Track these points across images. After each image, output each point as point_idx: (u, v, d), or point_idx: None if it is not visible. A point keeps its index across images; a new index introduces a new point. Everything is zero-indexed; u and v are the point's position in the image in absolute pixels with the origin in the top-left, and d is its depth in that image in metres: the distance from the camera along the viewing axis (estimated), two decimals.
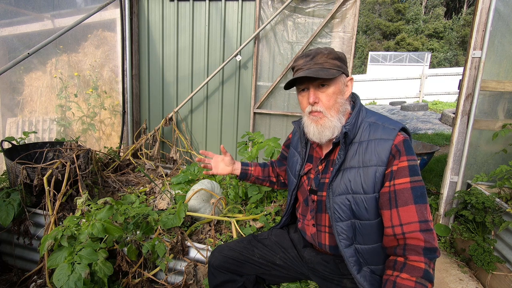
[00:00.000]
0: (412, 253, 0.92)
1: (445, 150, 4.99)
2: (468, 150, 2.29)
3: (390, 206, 0.97)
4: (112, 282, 1.57)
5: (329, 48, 1.09)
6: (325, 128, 1.07)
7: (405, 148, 0.99)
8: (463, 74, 2.26)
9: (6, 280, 1.78)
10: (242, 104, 3.11)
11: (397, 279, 0.91)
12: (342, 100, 1.09)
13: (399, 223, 0.95)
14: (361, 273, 1.04)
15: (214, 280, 1.25)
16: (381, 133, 1.03)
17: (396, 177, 0.97)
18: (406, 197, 0.95)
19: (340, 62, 1.08)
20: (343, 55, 1.10)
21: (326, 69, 1.04)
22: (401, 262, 0.93)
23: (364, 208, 1.02)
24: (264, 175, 1.52)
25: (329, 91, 1.06)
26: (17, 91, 2.91)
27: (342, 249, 1.05)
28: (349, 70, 2.75)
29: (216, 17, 3.00)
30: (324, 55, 1.06)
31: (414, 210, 0.94)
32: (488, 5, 2.12)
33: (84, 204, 1.72)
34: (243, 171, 1.47)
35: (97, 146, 3.25)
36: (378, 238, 1.05)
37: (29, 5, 2.77)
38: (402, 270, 0.91)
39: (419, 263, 0.90)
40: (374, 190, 1.01)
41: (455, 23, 23.77)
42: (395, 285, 0.90)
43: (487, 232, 2.05)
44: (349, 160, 1.06)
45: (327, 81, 1.06)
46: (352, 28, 2.69)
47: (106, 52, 3.19)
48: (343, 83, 1.09)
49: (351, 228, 1.06)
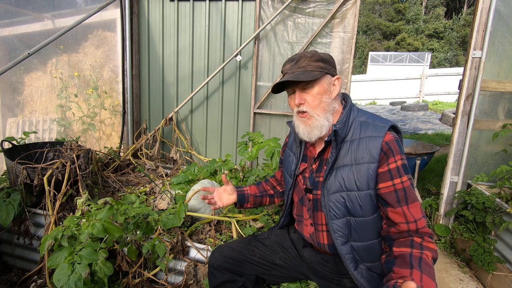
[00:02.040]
0: (426, 236, 0.98)
1: (445, 150, 4.99)
2: (468, 150, 2.28)
3: (400, 204, 1.00)
4: (112, 282, 1.57)
5: (313, 51, 1.13)
6: (313, 128, 1.11)
7: (398, 146, 1.03)
8: (463, 74, 2.26)
9: (6, 280, 1.78)
10: (242, 104, 3.11)
11: (422, 255, 0.93)
12: (328, 100, 1.11)
13: (413, 219, 0.99)
14: (357, 270, 1.06)
15: (214, 280, 1.25)
16: (372, 131, 1.06)
17: (396, 176, 1.01)
18: (412, 194, 1.00)
19: (324, 63, 1.11)
20: (328, 56, 1.14)
21: (308, 72, 1.09)
22: (418, 242, 0.96)
23: (359, 205, 1.05)
24: (260, 191, 1.47)
25: (313, 92, 1.10)
26: (17, 91, 2.91)
27: (339, 247, 1.08)
28: (349, 70, 2.76)
29: (216, 17, 3.00)
30: (307, 58, 1.11)
31: (419, 206, 1.00)
32: (488, 5, 2.12)
33: (84, 204, 1.72)
34: (239, 193, 1.41)
35: (97, 146, 3.25)
36: (373, 235, 1.07)
37: (29, 5, 2.77)
38: (423, 249, 0.94)
39: (433, 244, 0.97)
40: (368, 187, 1.03)
41: (455, 23, 23.76)
42: (422, 260, 0.92)
43: (488, 232, 2.05)
44: (342, 158, 1.09)
45: (310, 83, 1.10)
46: (352, 28, 2.69)
47: (106, 52, 3.19)
48: (328, 83, 1.12)
49: (346, 226, 1.08)
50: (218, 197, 1.39)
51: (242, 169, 2.31)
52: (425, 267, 0.89)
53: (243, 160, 2.52)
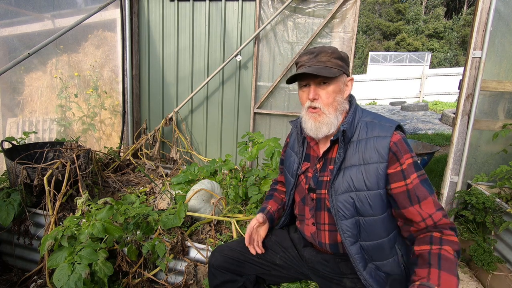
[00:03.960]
0: (445, 229, 0.97)
1: (445, 150, 4.98)
2: (468, 150, 2.28)
3: (412, 203, 1.01)
4: (112, 282, 1.57)
5: (333, 48, 1.12)
6: (322, 124, 1.11)
7: (406, 145, 1.04)
8: (463, 74, 2.26)
9: (6, 280, 1.78)
10: (242, 104, 3.11)
11: (441, 251, 0.93)
12: (341, 99, 1.12)
13: (428, 215, 0.99)
14: (366, 269, 1.06)
15: (214, 280, 1.25)
16: (379, 131, 1.07)
17: (408, 175, 1.02)
18: (423, 191, 1.01)
19: (342, 62, 1.11)
20: (346, 55, 1.13)
21: (328, 68, 1.07)
22: (437, 237, 0.96)
23: (368, 204, 1.05)
24: (279, 203, 1.43)
25: (329, 89, 1.10)
26: (17, 91, 2.91)
27: (348, 247, 1.07)
28: (349, 70, 2.76)
29: (216, 17, 3.00)
30: (327, 54, 1.09)
31: (431, 201, 1.00)
32: (488, 5, 2.12)
33: (84, 204, 1.72)
34: (267, 215, 1.35)
35: (97, 146, 3.25)
36: (382, 233, 1.07)
37: (29, 5, 2.77)
38: (443, 243, 0.94)
39: (454, 237, 0.96)
40: (378, 187, 1.04)
41: (455, 23, 23.76)
42: (441, 257, 0.92)
43: (488, 232, 2.05)
44: (349, 158, 1.08)
45: (328, 80, 1.09)
46: (352, 28, 2.69)
47: (106, 52, 3.19)
48: (343, 82, 1.13)
49: (355, 226, 1.08)
50: (256, 235, 1.31)
51: (242, 169, 2.31)
52: (444, 263, 0.90)
53: (243, 160, 2.52)
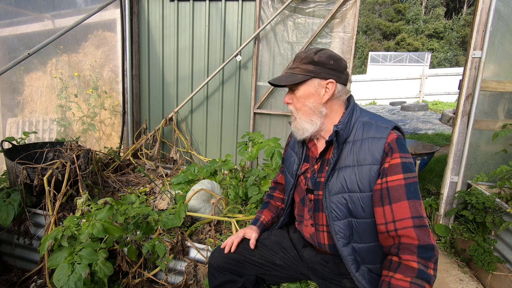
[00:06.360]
0: (405, 252, 0.91)
1: (445, 150, 4.98)
2: (468, 150, 2.28)
3: (382, 203, 0.98)
4: (112, 282, 1.57)
5: (309, 52, 1.10)
6: (296, 129, 1.15)
7: (397, 145, 1.00)
8: (463, 74, 2.26)
9: (6, 280, 1.78)
10: (242, 104, 3.11)
11: (391, 279, 0.91)
12: (314, 104, 1.10)
13: (392, 219, 0.95)
14: (359, 271, 1.06)
15: (214, 281, 1.25)
16: (374, 132, 1.04)
17: (388, 174, 0.98)
18: (399, 193, 0.95)
19: (314, 66, 1.08)
20: (323, 58, 1.07)
21: (293, 75, 1.10)
22: (396, 261, 0.93)
23: (361, 206, 1.03)
24: (273, 211, 1.44)
25: (297, 95, 1.13)
26: (17, 91, 2.92)
27: (340, 248, 1.07)
28: (349, 71, 2.75)
29: (216, 17, 3.00)
30: (298, 60, 1.12)
31: (407, 206, 0.94)
32: (488, 6, 2.12)
33: (84, 204, 1.72)
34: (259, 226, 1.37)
35: (97, 146, 3.25)
36: (375, 237, 1.05)
37: (29, 5, 2.77)
38: (396, 270, 0.91)
39: (412, 262, 0.89)
40: (370, 189, 1.02)
41: (455, 23, 23.75)
42: (390, 286, 0.90)
43: (488, 232, 2.05)
44: (344, 159, 1.07)
45: (294, 86, 1.12)
46: (352, 28, 2.69)
47: (106, 52, 3.19)
48: (315, 86, 1.09)
49: (348, 227, 1.07)
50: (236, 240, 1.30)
51: (242, 169, 2.31)
52: None
53: (243, 160, 2.52)
